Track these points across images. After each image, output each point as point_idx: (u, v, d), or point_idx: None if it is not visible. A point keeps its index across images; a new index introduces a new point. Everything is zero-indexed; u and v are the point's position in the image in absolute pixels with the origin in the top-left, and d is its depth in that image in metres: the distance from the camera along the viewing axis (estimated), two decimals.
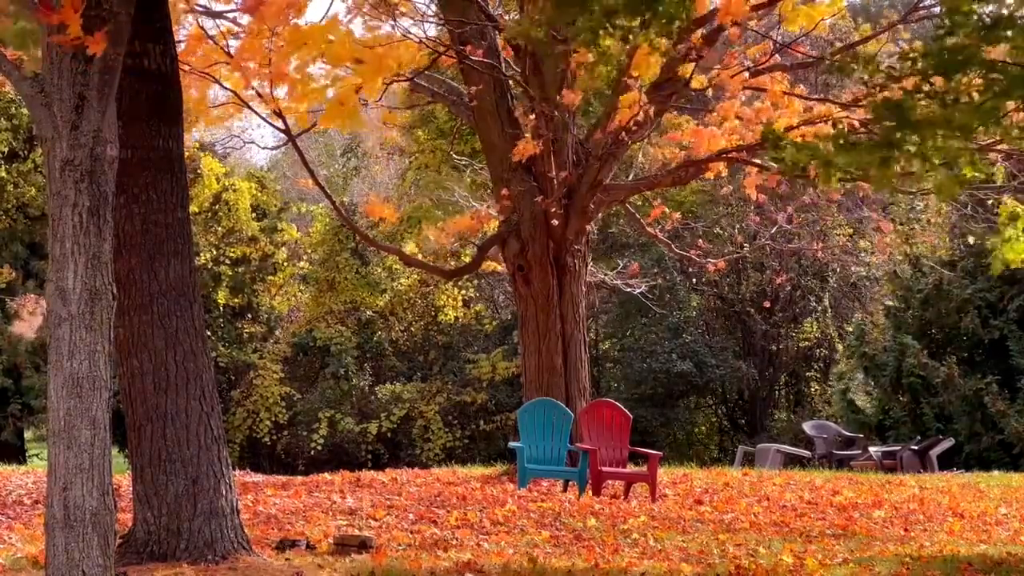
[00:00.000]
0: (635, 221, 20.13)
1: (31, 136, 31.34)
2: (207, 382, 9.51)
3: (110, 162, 7.23)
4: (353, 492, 14.33)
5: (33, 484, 14.38)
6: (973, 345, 27.51)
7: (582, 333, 16.98)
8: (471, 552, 10.12)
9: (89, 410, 7.04)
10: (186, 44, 13.20)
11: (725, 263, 21.30)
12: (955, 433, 25.90)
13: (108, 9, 7.26)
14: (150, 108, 9.49)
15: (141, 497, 9.33)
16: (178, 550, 9.13)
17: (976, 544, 11.46)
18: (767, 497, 14.94)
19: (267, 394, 33.68)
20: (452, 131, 28.74)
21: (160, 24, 9.61)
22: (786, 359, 35.16)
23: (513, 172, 16.63)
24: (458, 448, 32.79)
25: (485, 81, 16.45)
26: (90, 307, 7.09)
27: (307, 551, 10.00)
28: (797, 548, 10.66)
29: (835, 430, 26.01)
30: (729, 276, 32.75)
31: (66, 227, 7.12)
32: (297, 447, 33.49)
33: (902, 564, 9.87)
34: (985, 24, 6.73)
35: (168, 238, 9.49)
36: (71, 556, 6.95)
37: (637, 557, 10.05)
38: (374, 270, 34.81)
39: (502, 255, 17.33)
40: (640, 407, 30.81)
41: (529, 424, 15.09)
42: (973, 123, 6.95)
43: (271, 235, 35.75)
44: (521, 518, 12.29)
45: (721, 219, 31.76)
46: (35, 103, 7.19)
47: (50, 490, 7.08)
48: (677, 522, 12.42)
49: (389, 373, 35.24)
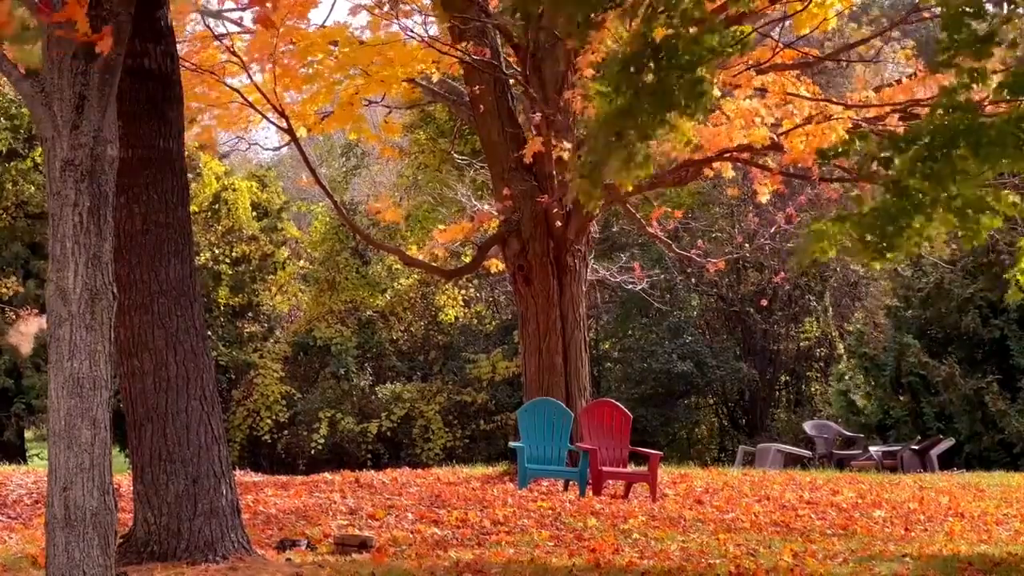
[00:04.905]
0: (635, 221, 20.13)
1: (31, 135, 31.34)
2: (207, 382, 9.51)
3: (110, 162, 7.22)
4: (353, 492, 14.33)
5: (33, 484, 14.37)
6: (973, 344, 27.49)
7: (582, 333, 16.98)
8: (471, 552, 10.12)
9: (89, 410, 7.04)
10: (189, 44, 13.23)
11: (725, 263, 21.29)
12: (955, 433, 25.89)
13: (109, 9, 7.25)
14: (150, 108, 9.49)
15: (141, 497, 9.33)
16: (178, 550, 9.13)
17: (976, 544, 11.46)
18: (767, 497, 14.93)
19: (267, 393, 33.68)
20: (452, 131, 28.73)
21: (160, 24, 9.61)
22: (786, 359, 35.17)
23: (514, 172, 16.63)
24: (458, 448, 32.80)
25: (485, 81, 16.46)
26: (90, 307, 7.08)
27: (307, 551, 10.00)
28: (797, 548, 10.66)
29: (835, 430, 26.00)
30: (729, 276, 32.75)
31: (66, 227, 7.11)
32: (297, 447, 33.49)
33: (902, 564, 9.87)
34: (979, 37, 6.77)
35: (168, 238, 9.48)
36: (71, 556, 6.94)
37: (637, 557, 10.05)
38: (374, 270, 34.82)
39: (502, 255, 17.32)
40: (640, 407, 30.82)
41: (529, 424, 15.09)
42: (972, 194, 7.05)
43: (271, 234, 35.76)
44: (521, 518, 12.29)
45: (721, 219, 31.77)
46: (35, 103, 7.18)
47: (50, 490, 7.07)
48: (677, 522, 12.42)
49: (389, 373, 35.24)
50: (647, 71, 6.80)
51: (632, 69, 6.79)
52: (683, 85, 6.70)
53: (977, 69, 6.91)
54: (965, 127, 6.87)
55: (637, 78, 6.81)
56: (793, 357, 35.20)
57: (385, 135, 17.34)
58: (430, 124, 31.55)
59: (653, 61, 6.78)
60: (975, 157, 6.87)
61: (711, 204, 32.00)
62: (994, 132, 6.90)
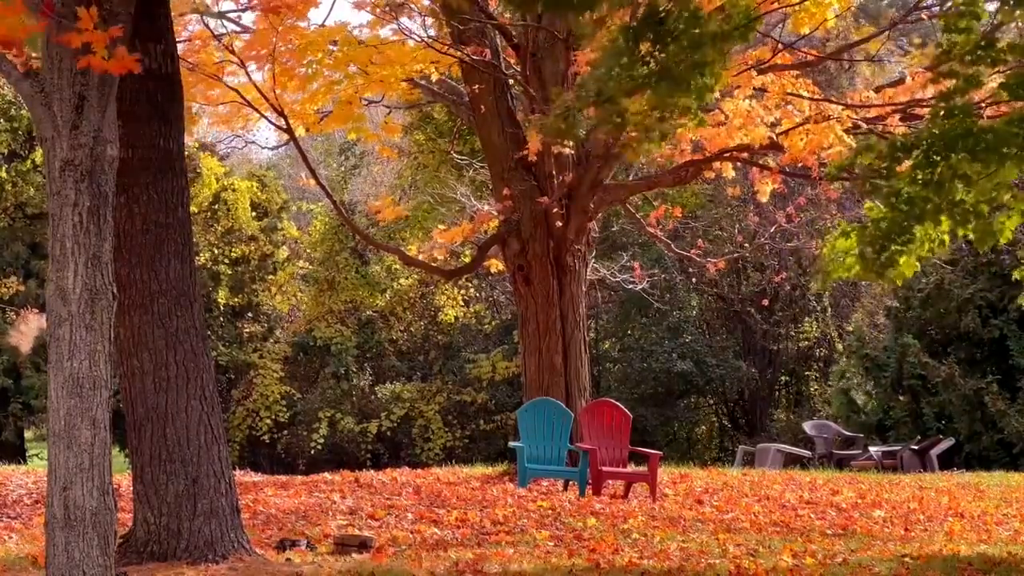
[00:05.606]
0: (635, 220, 20.13)
1: (31, 136, 31.33)
2: (207, 382, 9.51)
3: (110, 162, 7.22)
4: (353, 492, 14.33)
5: (33, 484, 14.37)
6: (973, 345, 27.49)
7: (582, 333, 16.98)
8: (471, 552, 10.12)
9: (89, 410, 7.04)
10: (188, 44, 13.22)
11: (725, 263, 21.29)
12: (955, 433, 25.89)
13: (108, 9, 7.25)
14: (150, 108, 9.48)
15: (141, 497, 9.32)
16: (178, 550, 9.13)
17: (976, 544, 11.46)
18: (767, 497, 14.93)
19: (267, 393, 33.69)
20: (452, 131, 28.73)
21: (160, 24, 9.60)
22: (786, 359, 35.17)
23: (513, 171, 16.63)
24: (458, 448, 32.81)
25: (485, 81, 16.45)
26: (90, 307, 7.08)
27: (307, 551, 10.00)
28: (797, 548, 10.65)
29: (835, 430, 26.00)
30: (729, 276, 32.75)
31: (66, 227, 7.11)
32: (297, 447, 33.50)
33: (902, 564, 9.87)
34: (979, 44, 6.78)
35: (168, 238, 9.48)
36: (71, 556, 6.94)
37: (637, 557, 10.05)
38: (374, 270, 34.82)
39: (502, 255, 17.32)
40: (640, 407, 30.82)
41: (529, 424, 15.09)
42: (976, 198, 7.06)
43: (271, 234, 35.76)
44: (521, 518, 12.29)
45: (721, 219, 31.76)
46: (35, 103, 7.18)
47: (50, 490, 7.07)
48: (677, 522, 12.42)
49: (389, 373, 35.25)
50: (648, 51, 6.73)
51: (633, 43, 6.72)
52: (684, 68, 6.66)
53: (973, 73, 6.91)
54: (963, 131, 6.88)
55: (637, 58, 6.74)
56: (793, 357, 35.20)
57: (385, 135, 17.35)
58: (429, 124, 31.54)
59: (654, 37, 6.71)
60: (973, 162, 6.88)
61: (711, 204, 32.00)
62: (992, 136, 6.90)
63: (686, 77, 6.65)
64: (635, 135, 7.08)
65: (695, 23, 6.59)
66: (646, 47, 6.68)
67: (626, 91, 6.73)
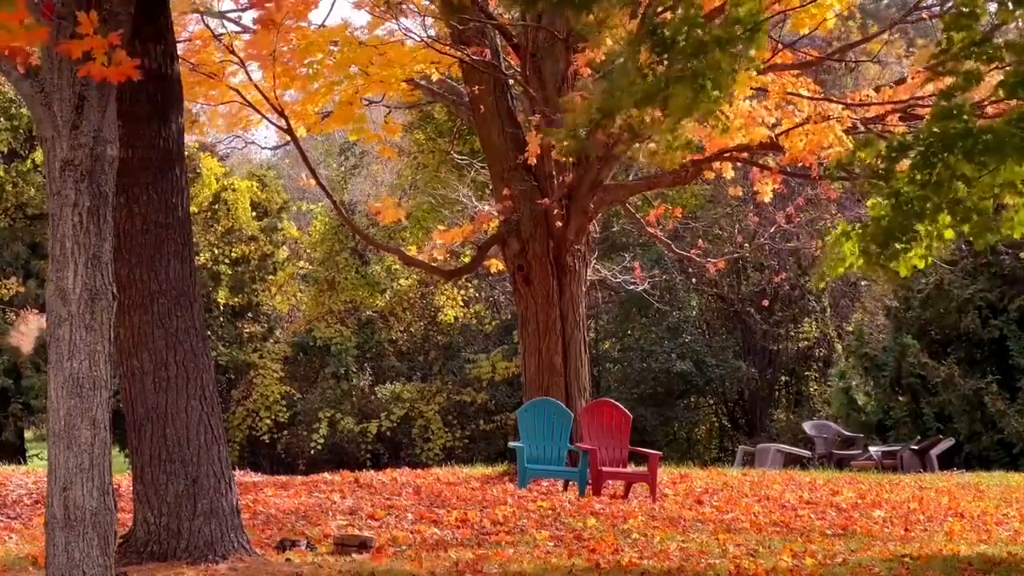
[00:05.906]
0: (635, 221, 20.13)
1: (31, 136, 31.34)
2: (207, 382, 9.51)
3: (110, 162, 7.22)
4: (353, 492, 14.33)
5: (33, 484, 14.37)
6: (973, 345, 27.49)
7: (582, 333, 16.97)
8: (471, 552, 10.12)
9: (89, 410, 7.04)
10: (188, 44, 13.22)
11: (725, 263, 21.28)
12: (955, 433, 25.89)
13: (108, 9, 7.25)
14: (150, 108, 9.48)
15: (141, 497, 9.33)
16: (178, 550, 9.13)
17: (976, 544, 11.46)
18: (767, 497, 14.93)
19: (267, 393, 33.69)
20: (452, 131, 28.73)
21: (160, 24, 9.60)
22: (786, 359, 35.17)
23: (513, 172, 16.62)
24: (458, 448, 32.81)
25: (485, 81, 16.45)
26: (90, 307, 7.08)
27: (307, 551, 10.00)
28: (797, 548, 10.66)
29: (835, 430, 25.99)
30: (729, 276, 32.75)
31: (66, 227, 7.11)
32: (297, 447, 33.50)
33: (902, 564, 9.87)
34: (976, 41, 6.78)
35: (168, 238, 9.48)
36: (71, 556, 6.94)
37: (637, 557, 10.05)
38: (374, 270, 34.82)
39: (502, 255, 17.31)
40: (640, 407, 30.82)
41: (529, 424, 15.09)
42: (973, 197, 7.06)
43: (271, 234, 35.76)
44: (521, 518, 12.28)
45: (721, 219, 31.76)
46: (35, 103, 7.18)
47: (50, 490, 7.07)
48: (677, 522, 12.42)
49: (389, 373, 35.25)
50: (653, 61, 6.74)
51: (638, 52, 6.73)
52: (685, 77, 6.68)
53: (972, 72, 6.91)
54: (961, 131, 6.88)
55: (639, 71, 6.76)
56: (793, 357, 35.20)
57: (385, 135, 17.34)
58: (429, 124, 31.55)
59: (658, 47, 6.73)
60: (971, 162, 6.88)
61: (711, 204, 32.00)
62: (991, 136, 6.90)
63: (702, 82, 6.67)
64: (655, 146, 7.10)
65: (698, 28, 6.63)
66: (647, 56, 6.70)
67: (636, 102, 6.75)
